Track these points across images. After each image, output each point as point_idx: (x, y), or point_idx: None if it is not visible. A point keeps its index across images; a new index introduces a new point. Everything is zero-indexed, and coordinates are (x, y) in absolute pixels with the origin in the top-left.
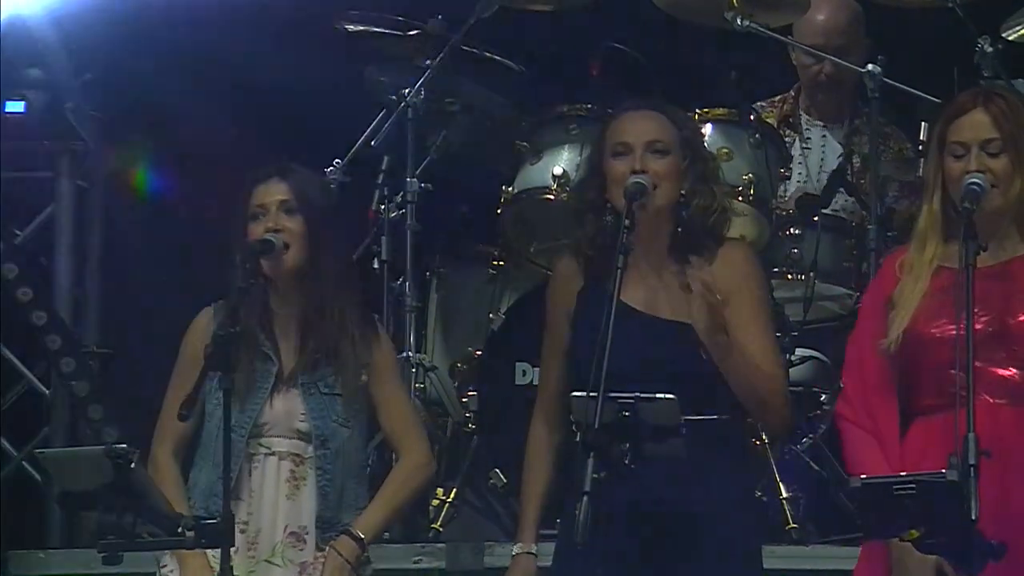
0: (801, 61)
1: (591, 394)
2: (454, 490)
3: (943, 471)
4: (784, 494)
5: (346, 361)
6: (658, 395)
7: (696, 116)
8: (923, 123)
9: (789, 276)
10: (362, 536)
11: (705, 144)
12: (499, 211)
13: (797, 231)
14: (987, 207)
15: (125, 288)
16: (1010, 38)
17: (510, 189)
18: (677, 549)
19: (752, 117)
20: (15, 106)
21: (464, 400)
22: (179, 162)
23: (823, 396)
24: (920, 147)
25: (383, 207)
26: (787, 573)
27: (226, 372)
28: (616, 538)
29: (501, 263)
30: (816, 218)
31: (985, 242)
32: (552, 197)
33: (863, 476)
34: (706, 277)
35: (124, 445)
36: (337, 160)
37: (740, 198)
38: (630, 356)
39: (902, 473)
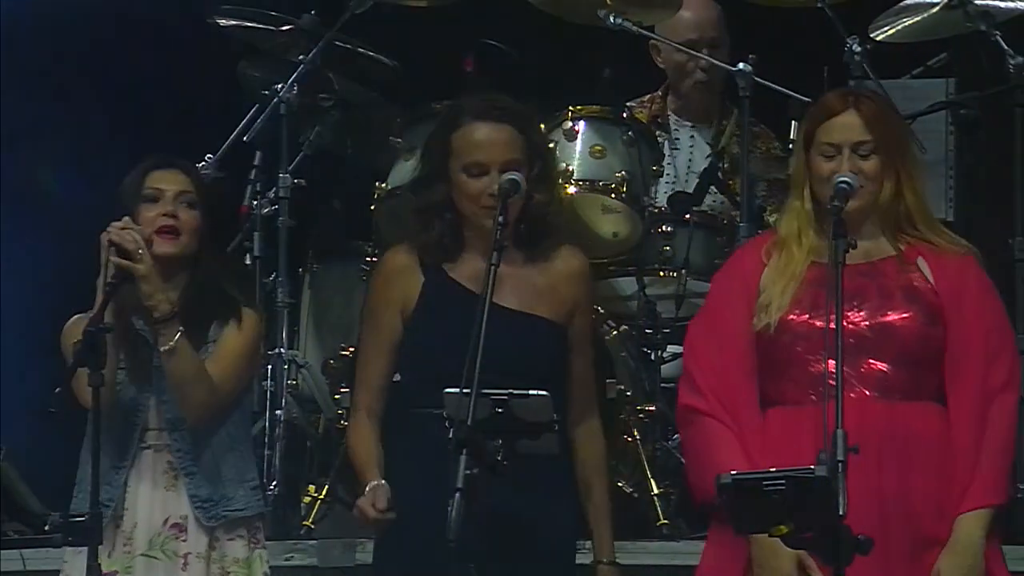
0: (672, 60)
1: (464, 391)
2: (326, 487)
3: (812, 467)
4: (655, 490)
5: (193, 341)
6: (531, 392)
7: (570, 113)
8: (793, 122)
9: (661, 273)
10: None
11: (569, 140)
12: (372, 207)
13: (669, 228)
14: (853, 205)
15: None
16: (878, 38)
17: (384, 185)
18: (517, 544)
19: (625, 115)
20: None
21: (336, 397)
22: (51, 157)
23: None
24: (790, 146)
25: (256, 203)
26: (658, 569)
27: (95, 369)
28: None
29: (374, 259)
30: (688, 216)
31: (855, 239)
32: None
33: (733, 472)
34: None
35: None
36: (209, 156)
37: (613, 195)
38: (493, 351)
39: (772, 469)
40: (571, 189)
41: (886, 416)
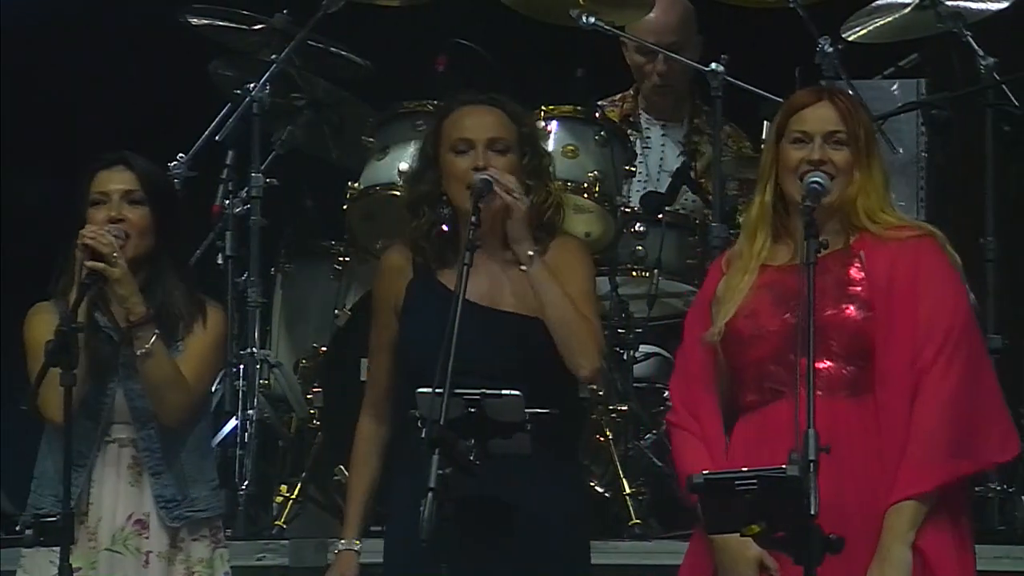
0: (634, 60)
1: (437, 390)
2: (298, 487)
3: (784, 467)
4: (627, 489)
5: (163, 338)
6: (504, 391)
7: (542, 113)
8: (765, 122)
9: (634, 273)
10: None
11: (542, 140)
12: (345, 207)
13: (642, 228)
14: (822, 202)
15: None
16: (850, 39)
17: (356, 185)
18: (503, 543)
19: (598, 115)
20: None
21: (309, 397)
22: (19, 154)
23: (666, 392)
24: (762, 146)
25: (228, 202)
26: (630, 568)
27: (67, 369)
28: (449, 532)
29: (347, 259)
30: (661, 216)
31: (826, 240)
32: (398, 193)
33: (705, 472)
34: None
35: None
36: (181, 155)
37: (586, 195)
38: (467, 348)
39: (743, 468)
40: None
41: (830, 415)
